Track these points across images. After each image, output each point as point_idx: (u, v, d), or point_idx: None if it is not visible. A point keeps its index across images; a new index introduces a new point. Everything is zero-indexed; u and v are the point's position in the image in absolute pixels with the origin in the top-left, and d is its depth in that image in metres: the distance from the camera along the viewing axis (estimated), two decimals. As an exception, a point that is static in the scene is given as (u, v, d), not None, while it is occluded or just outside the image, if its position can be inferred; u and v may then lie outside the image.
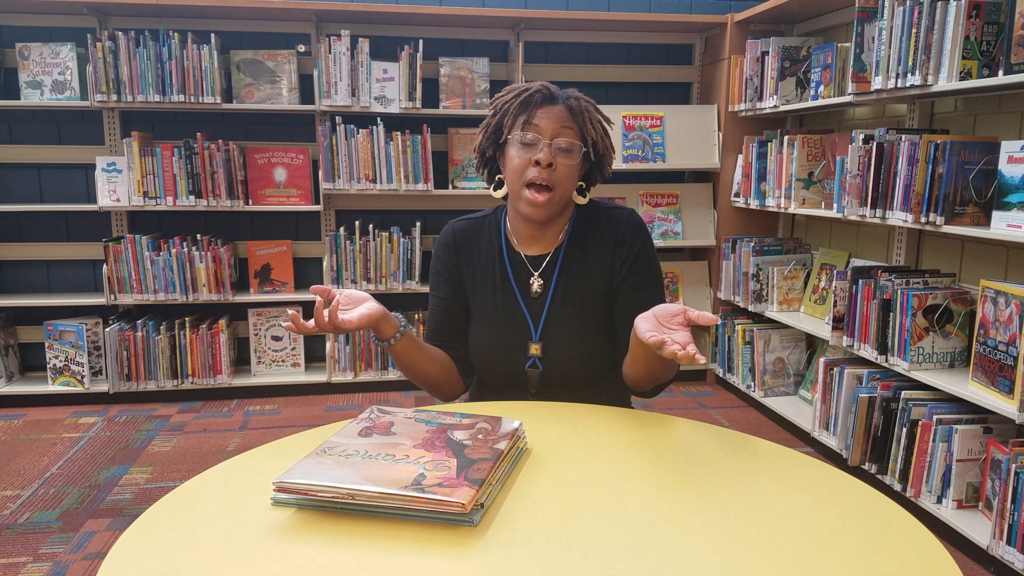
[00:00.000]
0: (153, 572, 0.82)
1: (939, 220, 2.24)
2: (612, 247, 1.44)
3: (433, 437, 1.07)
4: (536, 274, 1.46)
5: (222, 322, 3.53)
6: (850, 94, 2.64)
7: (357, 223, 3.54)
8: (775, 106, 3.22)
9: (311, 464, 0.97)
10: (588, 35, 3.80)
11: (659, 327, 1.16)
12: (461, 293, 1.49)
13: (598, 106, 1.44)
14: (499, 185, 1.46)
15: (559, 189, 1.37)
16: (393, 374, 3.65)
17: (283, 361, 3.68)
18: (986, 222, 2.21)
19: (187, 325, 3.47)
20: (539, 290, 1.45)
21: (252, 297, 3.58)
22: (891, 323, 2.45)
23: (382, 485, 0.91)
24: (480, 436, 1.08)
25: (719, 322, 1.06)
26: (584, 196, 1.47)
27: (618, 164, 3.62)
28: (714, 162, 3.68)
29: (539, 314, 1.44)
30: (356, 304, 1.28)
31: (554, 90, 1.41)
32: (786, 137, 3.15)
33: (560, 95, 1.40)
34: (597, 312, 1.44)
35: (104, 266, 3.38)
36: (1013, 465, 1.97)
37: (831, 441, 2.80)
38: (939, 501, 2.29)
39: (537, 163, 1.35)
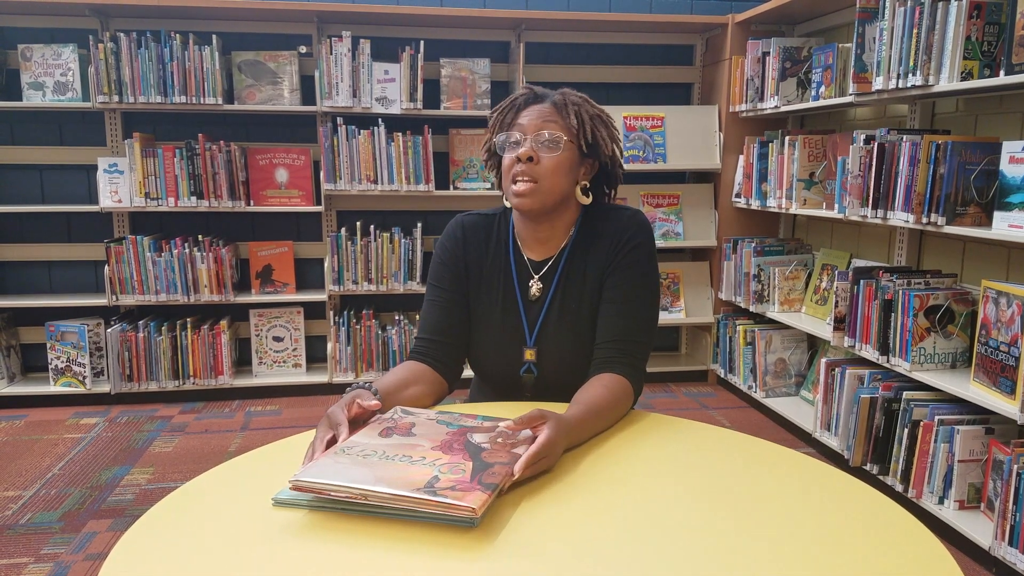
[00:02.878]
0: (154, 573, 0.82)
1: (940, 220, 2.24)
2: (609, 248, 1.41)
3: (452, 439, 1.06)
4: (536, 277, 1.44)
5: (223, 323, 3.53)
6: (851, 94, 2.64)
7: (358, 224, 3.54)
8: (776, 106, 3.21)
9: (328, 463, 0.97)
10: (589, 36, 3.80)
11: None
12: (463, 288, 1.46)
13: (592, 102, 1.42)
14: None
15: (544, 182, 1.35)
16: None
17: (284, 362, 3.68)
18: (987, 222, 2.20)
19: (188, 326, 3.47)
20: (537, 294, 1.43)
21: (253, 298, 3.58)
22: (892, 324, 2.45)
23: (395, 486, 0.91)
24: (499, 440, 1.07)
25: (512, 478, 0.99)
26: (588, 196, 1.44)
27: (619, 165, 3.62)
28: (715, 163, 3.68)
29: (535, 319, 1.43)
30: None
31: (540, 91, 1.40)
32: (787, 137, 3.15)
33: (547, 93, 1.40)
34: (594, 317, 1.41)
35: (106, 267, 3.38)
36: (1015, 466, 1.96)
37: (832, 442, 2.80)
38: (941, 502, 2.29)
39: (519, 159, 1.34)
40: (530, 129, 1.36)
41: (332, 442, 1.07)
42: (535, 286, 1.44)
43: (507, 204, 1.46)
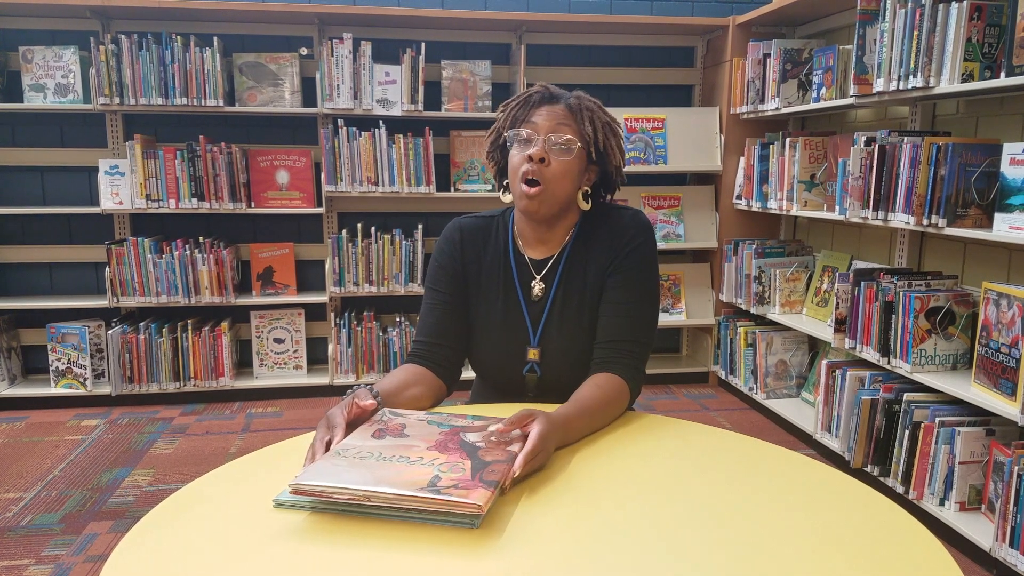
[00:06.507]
0: (155, 574, 0.82)
1: (941, 222, 2.24)
2: (610, 248, 1.41)
3: (446, 439, 1.07)
4: (538, 277, 1.44)
5: (224, 324, 3.53)
6: (852, 96, 2.64)
7: (359, 225, 3.55)
8: (777, 108, 3.22)
9: (326, 466, 0.97)
10: (590, 38, 3.80)
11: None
12: (462, 291, 1.46)
13: (604, 108, 1.41)
14: (507, 189, 1.44)
15: (551, 186, 1.34)
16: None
17: (285, 363, 3.68)
18: (988, 224, 2.21)
19: (189, 327, 3.47)
20: (540, 294, 1.43)
21: (254, 300, 3.58)
22: (893, 325, 2.45)
23: (397, 487, 0.91)
24: (493, 438, 1.07)
25: (512, 476, 0.99)
26: (588, 201, 1.44)
27: (620, 166, 3.62)
28: (716, 164, 3.68)
29: (539, 318, 1.43)
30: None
31: (555, 91, 1.40)
32: (788, 139, 3.15)
33: (562, 95, 1.39)
34: (595, 316, 1.41)
35: (107, 268, 3.38)
36: (1015, 467, 1.96)
37: (833, 443, 2.80)
38: (941, 503, 2.29)
39: (530, 158, 1.33)
40: (543, 129, 1.35)
41: (331, 444, 1.06)
42: (537, 286, 1.44)
43: (505, 200, 1.45)
